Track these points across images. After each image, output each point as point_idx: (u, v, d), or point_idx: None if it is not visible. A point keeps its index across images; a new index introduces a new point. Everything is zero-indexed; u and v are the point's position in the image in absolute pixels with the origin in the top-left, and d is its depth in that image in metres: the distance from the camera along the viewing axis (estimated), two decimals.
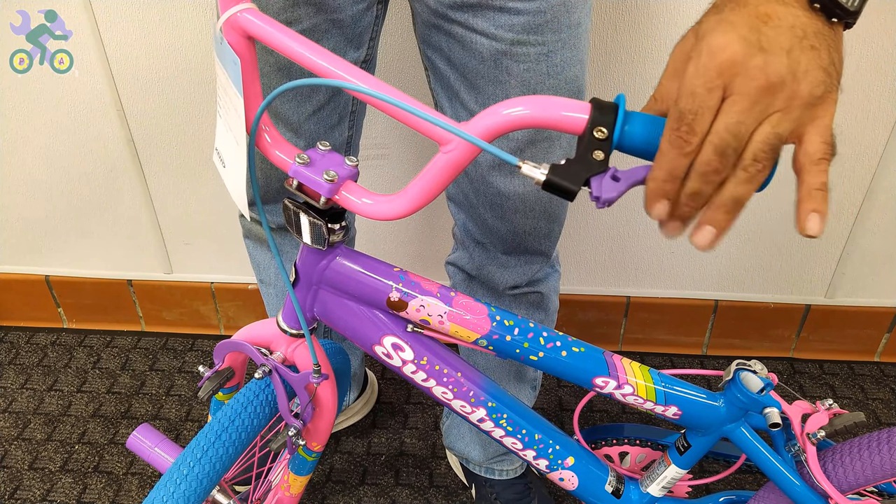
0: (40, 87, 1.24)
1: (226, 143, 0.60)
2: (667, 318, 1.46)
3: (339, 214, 0.61)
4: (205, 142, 1.29)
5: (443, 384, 0.69)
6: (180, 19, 1.16)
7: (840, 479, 0.69)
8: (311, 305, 0.68)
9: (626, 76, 1.18)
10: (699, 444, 0.72)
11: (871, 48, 1.13)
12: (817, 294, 1.43)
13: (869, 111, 1.19)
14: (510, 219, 0.85)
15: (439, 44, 0.77)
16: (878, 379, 1.45)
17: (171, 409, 1.37)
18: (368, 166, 1.30)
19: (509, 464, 1.14)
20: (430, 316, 0.65)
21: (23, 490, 1.21)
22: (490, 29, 0.71)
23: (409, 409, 1.38)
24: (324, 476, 1.25)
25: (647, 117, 0.48)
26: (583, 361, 0.67)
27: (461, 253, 0.96)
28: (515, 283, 0.93)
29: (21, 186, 1.37)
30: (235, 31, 0.55)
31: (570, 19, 0.72)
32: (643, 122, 0.48)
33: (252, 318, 1.52)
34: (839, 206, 1.31)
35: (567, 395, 1.41)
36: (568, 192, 0.48)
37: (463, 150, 0.52)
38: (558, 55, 0.73)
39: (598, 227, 1.35)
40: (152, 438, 0.77)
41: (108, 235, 1.44)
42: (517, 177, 0.81)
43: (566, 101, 0.49)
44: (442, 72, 0.79)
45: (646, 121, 0.48)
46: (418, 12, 0.78)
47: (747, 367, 0.68)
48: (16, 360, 1.48)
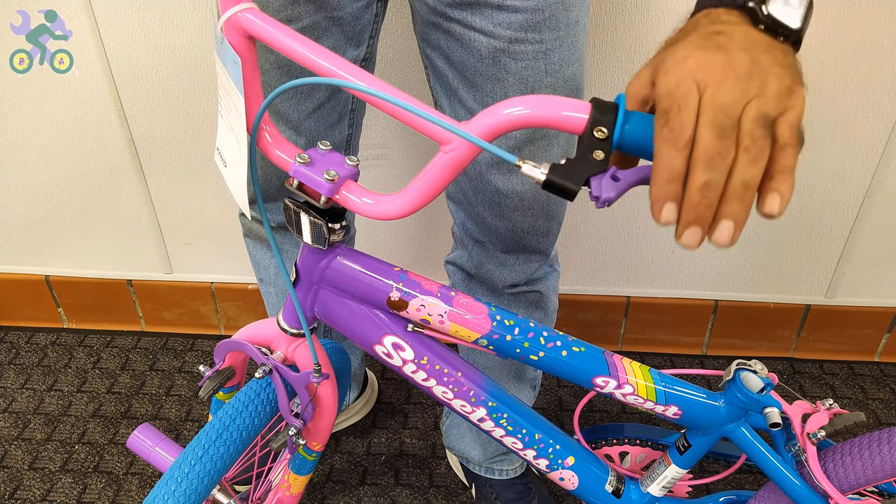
0: (40, 87, 1.24)
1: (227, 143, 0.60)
2: (667, 318, 1.46)
3: (340, 214, 0.61)
4: (205, 142, 1.29)
5: (443, 384, 0.69)
6: (180, 19, 1.16)
7: (840, 479, 0.69)
8: (311, 305, 0.68)
9: (626, 76, 1.18)
10: (699, 444, 0.72)
11: (871, 48, 1.13)
12: (817, 294, 1.43)
13: (869, 111, 1.19)
14: (509, 217, 0.85)
15: (438, 42, 0.77)
16: (878, 379, 1.45)
17: (171, 409, 1.37)
18: (368, 166, 1.30)
19: (509, 463, 1.14)
20: (431, 315, 0.65)
21: (23, 490, 1.21)
22: (488, 27, 0.71)
23: (409, 409, 1.38)
24: (324, 476, 1.25)
25: (648, 117, 0.48)
26: (583, 361, 0.67)
27: (460, 252, 0.96)
28: (514, 281, 0.93)
29: (21, 186, 1.37)
30: (236, 31, 0.55)
31: (567, 17, 0.72)
32: (643, 122, 0.48)
33: (252, 318, 1.52)
34: (839, 206, 1.31)
35: (567, 395, 1.41)
36: (568, 191, 0.48)
37: (463, 150, 0.52)
38: (556, 53, 0.74)
39: (598, 227, 1.35)
40: (153, 438, 0.77)
41: (108, 235, 1.44)
42: (516, 175, 0.81)
43: (566, 100, 0.49)
44: (441, 70, 0.79)
45: (646, 121, 0.48)
46: (417, 10, 0.78)
47: (747, 367, 0.68)
48: (16, 360, 1.48)
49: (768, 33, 0.47)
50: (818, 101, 1.19)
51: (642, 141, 0.48)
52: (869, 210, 1.30)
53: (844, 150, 1.24)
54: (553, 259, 0.97)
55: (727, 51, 0.45)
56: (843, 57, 1.14)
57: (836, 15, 1.10)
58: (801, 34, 0.48)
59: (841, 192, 1.29)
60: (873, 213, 1.31)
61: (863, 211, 1.31)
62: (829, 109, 1.19)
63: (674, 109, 0.44)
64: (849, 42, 1.13)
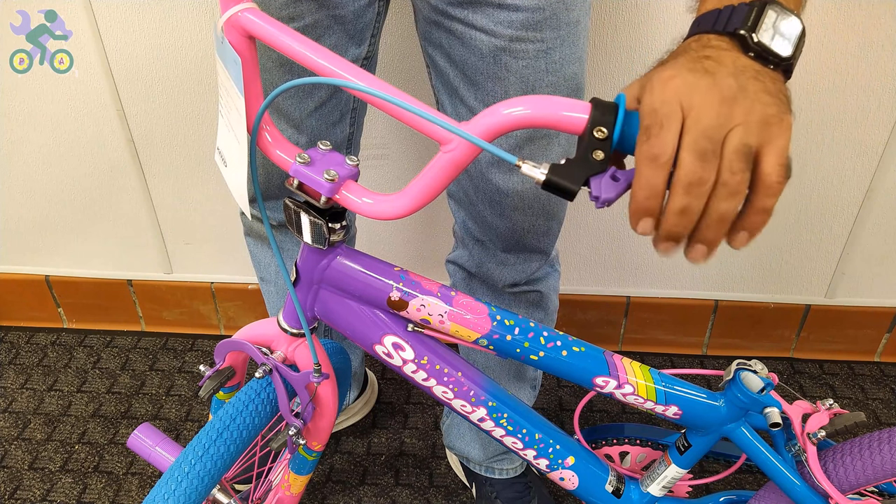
0: (40, 87, 1.24)
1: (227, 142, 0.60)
2: (667, 318, 1.46)
3: (340, 214, 0.61)
4: (205, 142, 1.29)
5: (443, 384, 0.69)
6: (180, 19, 1.16)
7: (840, 478, 0.69)
8: (311, 305, 0.68)
9: (626, 76, 1.18)
10: (699, 444, 0.72)
11: (871, 48, 1.13)
12: (817, 294, 1.43)
13: (869, 111, 1.19)
14: (509, 216, 0.85)
15: (440, 40, 0.77)
16: (878, 379, 1.45)
17: (171, 409, 1.37)
18: (369, 166, 1.30)
19: (509, 463, 1.14)
20: (431, 315, 0.65)
21: (23, 490, 1.21)
22: (489, 25, 0.72)
23: (409, 409, 1.38)
24: (324, 476, 1.25)
25: None
26: (583, 361, 0.67)
27: (461, 251, 0.96)
28: (515, 280, 0.94)
29: (21, 186, 1.37)
30: (236, 31, 0.55)
31: (568, 17, 0.72)
32: None
33: (252, 318, 1.52)
34: (839, 206, 1.31)
35: (567, 395, 1.41)
36: (568, 191, 0.48)
37: (464, 150, 0.52)
38: (557, 52, 0.74)
39: (598, 227, 1.35)
40: (153, 438, 0.77)
41: (108, 235, 1.44)
42: (516, 174, 0.81)
43: (566, 100, 0.49)
44: (442, 69, 0.79)
45: None
46: (419, 9, 0.78)
47: (747, 367, 0.68)
48: (16, 360, 1.48)
49: (758, 60, 0.47)
50: (818, 101, 1.19)
51: None
52: (869, 210, 1.30)
53: (844, 150, 1.24)
54: (554, 259, 0.97)
55: (714, 75, 0.45)
56: (843, 57, 1.14)
57: (837, 15, 1.10)
58: (791, 62, 0.48)
59: (841, 192, 1.29)
60: (873, 213, 1.31)
61: (863, 211, 1.31)
62: (829, 109, 1.20)
63: (655, 127, 0.44)
64: (849, 42, 1.13)
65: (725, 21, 0.49)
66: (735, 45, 0.48)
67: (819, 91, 1.18)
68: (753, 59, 0.47)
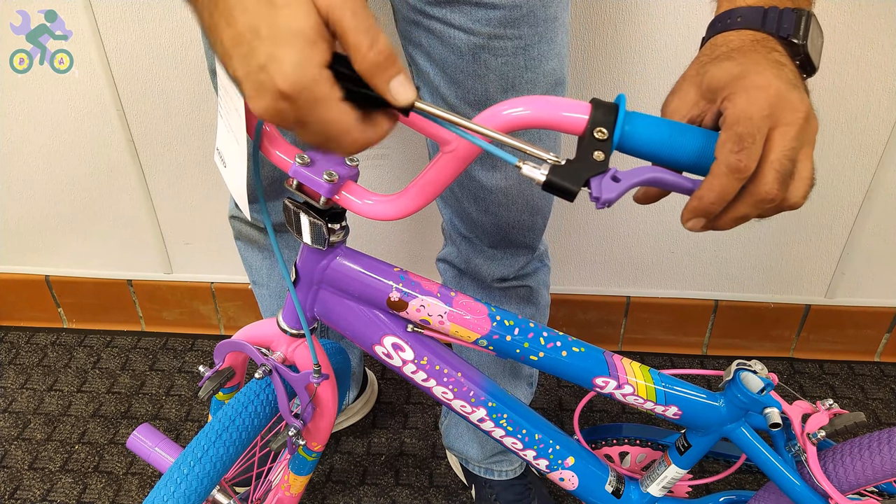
0: (40, 87, 1.24)
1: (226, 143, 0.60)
2: (667, 318, 1.46)
3: (340, 214, 0.61)
4: (205, 142, 1.29)
5: (443, 384, 0.69)
6: (180, 19, 1.16)
7: (840, 479, 0.69)
8: (311, 305, 0.68)
9: (626, 76, 1.18)
10: (699, 444, 0.72)
11: (871, 48, 1.13)
12: (817, 294, 1.43)
13: (869, 111, 1.19)
14: (494, 212, 0.86)
15: (419, 40, 0.78)
16: (878, 379, 1.45)
17: (171, 409, 1.37)
18: (368, 166, 1.30)
19: (509, 464, 1.14)
20: (431, 316, 0.65)
21: (23, 490, 1.21)
22: (467, 24, 0.72)
23: (409, 409, 1.38)
24: (324, 476, 1.25)
25: (648, 118, 0.48)
26: (583, 361, 0.67)
27: (450, 248, 0.97)
28: (503, 275, 0.94)
29: (21, 186, 1.37)
30: None
31: (546, 13, 0.73)
32: (644, 123, 0.48)
33: (252, 318, 1.52)
34: (839, 206, 1.31)
35: (567, 395, 1.41)
36: (568, 192, 0.48)
37: (463, 150, 0.52)
38: (535, 49, 0.74)
39: (598, 227, 1.35)
40: (152, 438, 0.77)
41: (108, 235, 1.44)
42: (499, 170, 0.81)
43: (566, 101, 0.49)
44: (423, 68, 0.80)
45: (647, 122, 0.48)
46: (398, 9, 0.79)
47: (747, 367, 0.68)
48: (16, 360, 1.48)
49: (799, 68, 0.48)
50: (818, 101, 1.17)
51: (643, 142, 0.48)
52: (869, 210, 1.30)
53: (844, 150, 1.24)
54: (542, 254, 0.98)
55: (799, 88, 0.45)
56: (843, 57, 1.14)
57: (837, 15, 1.10)
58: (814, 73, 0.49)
59: (841, 192, 1.29)
60: (873, 212, 1.31)
61: (863, 211, 1.31)
62: (829, 109, 1.19)
63: (749, 138, 0.43)
64: (849, 42, 1.13)
65: (775, 24, 0.48)
66: (788, 52, 0.48)
67: (819, 91, 1.18)
68: (797, 67, 0.48)
